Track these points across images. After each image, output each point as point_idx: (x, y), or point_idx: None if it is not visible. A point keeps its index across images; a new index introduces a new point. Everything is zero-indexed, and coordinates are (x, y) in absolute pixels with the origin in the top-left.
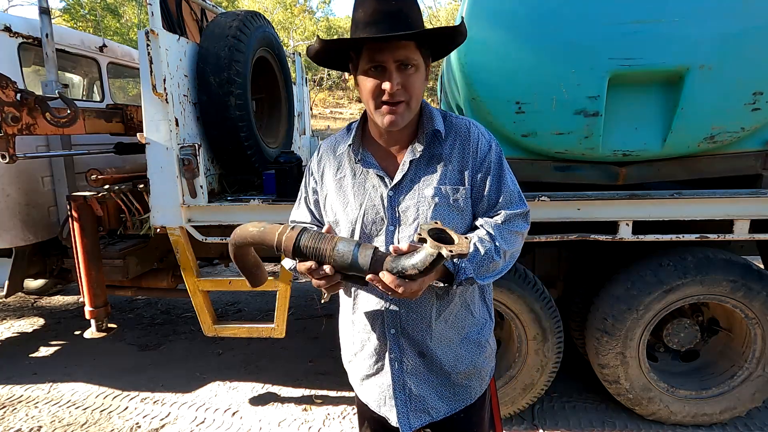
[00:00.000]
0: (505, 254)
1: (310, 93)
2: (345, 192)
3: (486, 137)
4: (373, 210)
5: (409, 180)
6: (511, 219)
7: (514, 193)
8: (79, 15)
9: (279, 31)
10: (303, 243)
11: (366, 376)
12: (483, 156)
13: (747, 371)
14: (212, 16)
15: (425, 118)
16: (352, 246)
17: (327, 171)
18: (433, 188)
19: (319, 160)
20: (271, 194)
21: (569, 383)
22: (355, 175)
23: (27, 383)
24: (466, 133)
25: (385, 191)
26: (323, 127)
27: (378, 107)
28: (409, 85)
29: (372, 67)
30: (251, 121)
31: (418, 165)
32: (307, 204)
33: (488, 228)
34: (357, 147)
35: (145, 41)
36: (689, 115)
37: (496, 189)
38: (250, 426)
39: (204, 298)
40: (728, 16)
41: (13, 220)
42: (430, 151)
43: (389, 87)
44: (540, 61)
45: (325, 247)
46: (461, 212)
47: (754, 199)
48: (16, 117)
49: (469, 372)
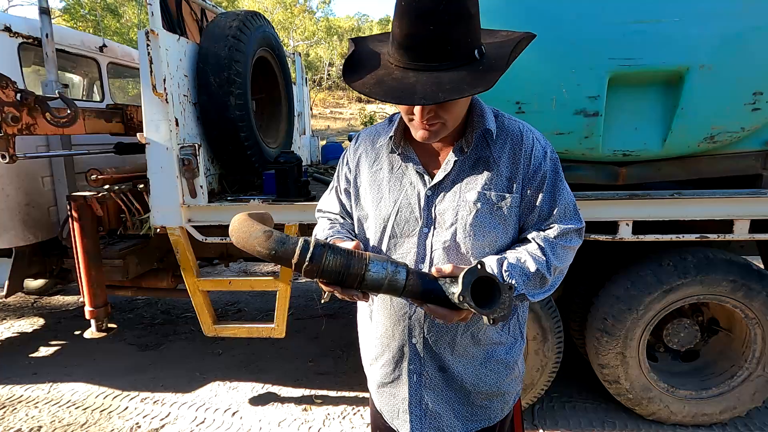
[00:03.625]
0: (555, 270)
1: (310, 93)
2: (380, 186)
3: (542, 143)
4: (408, 208)
5: (450, 181)
6: (565, 234)
7: (569, 206)
8: (79, 15)
9: (279, 31)
10: (328, 267)
11: (382, 384)
12: (537, 164)
13: (747, 371)
14: (212, 16)
15: (475, 116)
16: (387, 269)
17: (363, 161)
18: (477, 192)
19: (356, 148)
20: (271, 194)
21: (569, 383)
22: (392, 169)
23: (27, 383)
24: (519, 137)
25: (423, 190)
26: (323, 127)
27: (411, 121)
28: (444, 109)
29: None
30: (251, 121)
31: (462, 166)
32: (338, 194)
33: (540, 242)
34: (398, 139)
35: (145, 41)
36: (689, 115)
37: (550, 200)
38: (250, 426)
39: (204, 298)
40: (728, 16)
41: (13, 220)
42: (478, 153)
43: (417, 120)
44: (540, 61)
45: (354, 271)
46: (504, 222)
47: (754, 199)
48: (16, 117)
49: (491, 393)
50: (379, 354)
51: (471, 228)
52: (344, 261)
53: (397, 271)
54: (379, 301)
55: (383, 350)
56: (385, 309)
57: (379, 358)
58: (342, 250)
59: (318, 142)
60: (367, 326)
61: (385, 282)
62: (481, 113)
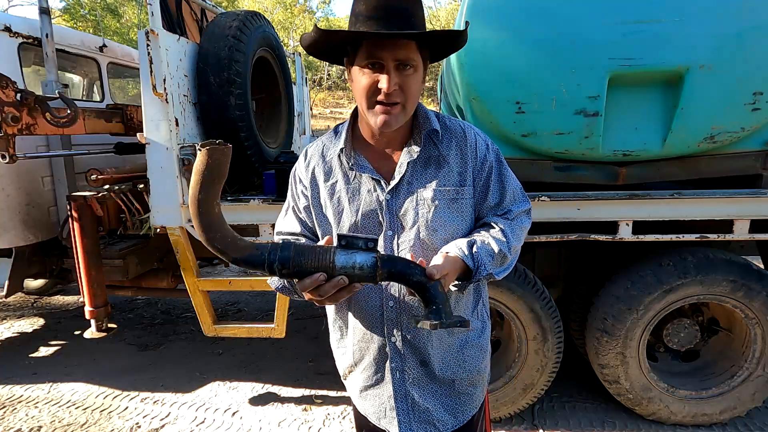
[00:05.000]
0: (513, 249)
1: (310, 93)
2: (339, 198)
3: (482, 137)
4: (371, 215)
5: (406, 182)
6: (518, 216)
7: (517, 191)
8: (79, 15)
9: (279, 31)
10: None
11: (365, 387)
12: (483, 156)
13: (747, 371)
14: (212, 16)
15: (421, 118)
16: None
17: (318, 176)
18: (433, 190)
19: (306, 165)
20: (271, 194)
21: (569, 383)
22: (348, 180)
23: (27, 383)
24: (462, 134)
25: (382, 195)
26: (323, 127)
27: (371, 107)
28: (406, 86)
29: (369, 63)
30: (251, 121)
31: (415, 166)
32: (296, 213)
33: (501, 225)
34: (349, 150)
35: (145, 41)
36: (689, 115)
37: (499, 188)
38: (250, 426)
39: (204, 298)
40: (728, 16)
41: (13, 220)
42: (427, 152)
43: (386, 86)
44: (540, 61)
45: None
46: (461, 213)
47: (754, 199)
48: (16, 117)
49: (473, 378)
50: (358, 359)
51: (432, 224)
52: (312, 261)
53: (362, 264)
54: (354, 308)
55: (362, 355)
56: (360, 312)
57: (359, 364)
58: (308, 250)
59: None
60: (341, 337)
61: (354, 276)
62: (425, 115)
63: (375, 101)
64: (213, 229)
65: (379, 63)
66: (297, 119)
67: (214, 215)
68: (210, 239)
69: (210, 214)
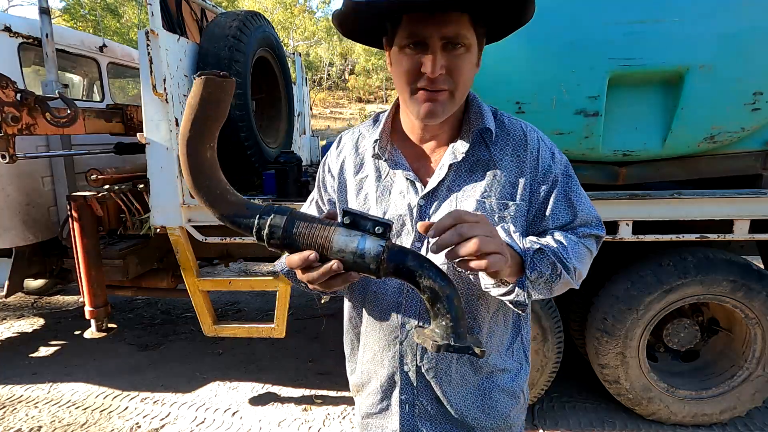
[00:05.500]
0: (575, 271)
1: (310, 93)
2: (366, 196)
3: (547, 144)
4: (398, 221)
5: (445, 188)
6: (585, 237)
7: (591, 214)
8: (79, 15)
9: (279, 31)
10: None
11: (368, 415)
12: (546, 167)
13: (747, 371)
14: (212, 16)
15: (472, 113)
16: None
17: (347, 168)
18: (475, 201)
19: (338, 153)
20: (271, 194)
21: (569, 383)
22: (380, 176)
23: (27, 383)
24: (522, 137)
25: (414, 199)
26: (323, 127)
27: (413, 93)
28: (455, 69)
29: (411, 43)
30: (251, 121)
31: (458, 170)
32: (319, 205)
33: (560, 236)
34: (384, 143)
35: (145, 41)
36: (689, 115)
37: (565, 207)
38: (250, 426)
39: (204, 298)
40: (728, 16)
41: (13, 220)
42: (476, 155)
43: (430, 69)
44: (540, 61)
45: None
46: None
47: (754, 199)
48: (16, 117)
49: (497, 427)
50: (365, 381)
51: None
52: (306, 235)
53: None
54: (368, 322)
55: (369, 378)
56: (374, 331)
57: (365, 387)
58: (305, 221)
59: (318, 142)
60: (351, 351)
61: (352, 264)
62: (479, 110)
63: (418, 87)
64: (201, 175)
65: (423, 42)
66: (297, 119)
67: (205, 159)
68: (196, 186)
69: (200, 156)
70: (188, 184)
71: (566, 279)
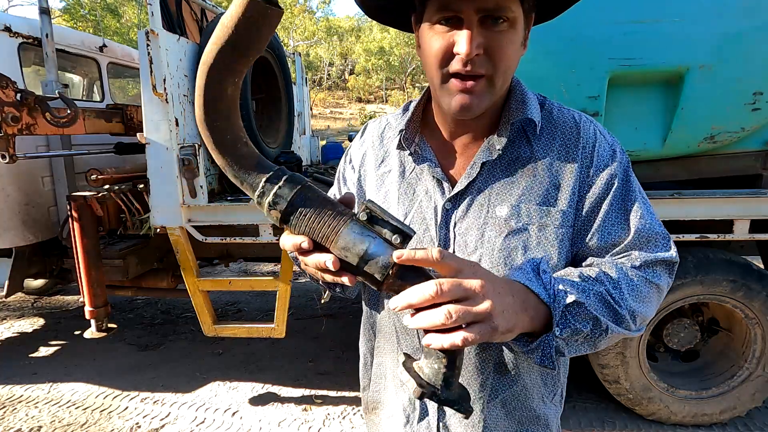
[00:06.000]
0: (631, 313)
1: (310, 93)
2: (387, 193)
3: (608, 138)
4: (422, 225)
5: (476, 189)
6: (651, 265)
7: (654, 229)
8: (79, 15)
9: (279, 31)
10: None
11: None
12: (602, 166)
13: (747, 371)
14: (212, 16)
15: (514, 101)
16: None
17: (369, 159)
18: (510, 206)
19: (362, 143)
20: None
21: (569, 383)
22: (404, 172)
23: (27, 383)
24: (575, 129)
25: (440, 201)
26: (323, 127)
27: (444, 81)
28: (496, 48)
29: (443, 18)
30: (251, 121)
31: (493, 169)
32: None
33: (608, 268)
34: (412, 134)
35: (145, 41)
36: (689, 115)
37: (621, 219)
38: (250, 426)
39: (204, 298)
40: (728, 16)
41: (13, 220)
42: (515, 152)
43: (465, 49)
44: (540, 60)
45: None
46: (548, 246)
47: (754, 199)
48: (16, 117)
49: None
50: (382, 402)
51: (501, 255)
52: (314, 217)
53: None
54: (385, 337)
55: (389, 399)
56: (392, 351)
57: (384, 407)
58: (318, 201)
59: (318, 142)
60: (367, 362)
61: (354, 267)
62: (521, 98)
63: (450, 73)
64: (216, 113)
65: (457, 17)
66: (297, 119)
67: (225, 95)
68: (207, 124)
69: (220, 89)
70: (198, 118)
71: (617, 332)
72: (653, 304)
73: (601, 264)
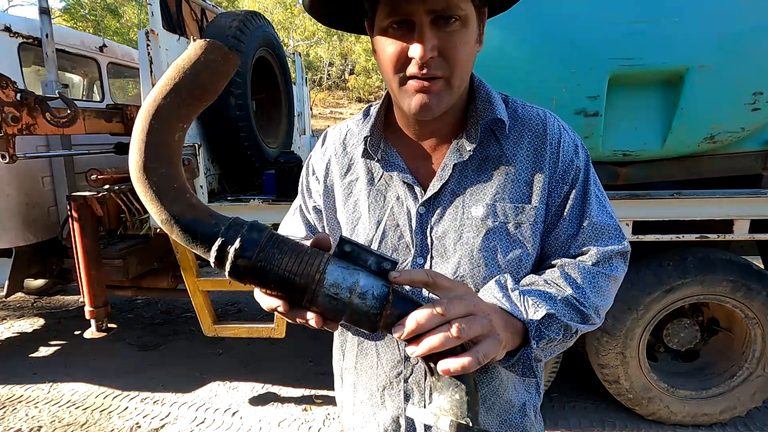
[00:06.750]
0: (594, 308)
1: (310, 93)
2: (356, 203)
3: (570, 134)
4: (395, 232)
5: (449, 192)
6: (607, 259)
7: (608, 222)
8: (79, 15)
9: (279, 31)
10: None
11: None
12: (567, 161)
13: (747, 371)
14: (212, 16)
15: (480, 101)
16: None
17: (334, 169)
18: (485, 206)
19: (323, 152)
20: (271, 194)
21: (569, 383)
22: (372, 179)
23: (27, 383)
24: (541, 126)
25: (414, 206)
26: (323, 127)
27: (402, 83)
28: (450, 48)
29: (394, 23)
30: (251, 121)
31: (464, 170)
32: (304, 213)
33: (570, 269)
34: (377, 140)
35: (145, 41)
36: (689, 115)
37: (581, 213)
38: (250, 426)
39: (204, 298)
40: (728, 16)
41: (13, 220)
42: (485, 151)
43: (419, 53)
44: (540, 61)
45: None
46: (524, 244)
47: (754, 199)
48: (16, 117)
49: None
50: (361, 425)
51: (481, 255)
52: (291, 260)
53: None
54: (362, 355)
55: (366, 421)
56: (371, 368)
57: (362, 430)
58: (289, 244)
59: None
60: (344, 381)
61: (347, 305)
62: (487, 98)
63: (407, 76)
64: (159, 159)
65: (409, 20)
66: (297, 119)
67: (172, 141)
68: (147, 170)
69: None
70: (134, 164)
71: (584, 329)
72: (612, 294)
73: (564, 266)
